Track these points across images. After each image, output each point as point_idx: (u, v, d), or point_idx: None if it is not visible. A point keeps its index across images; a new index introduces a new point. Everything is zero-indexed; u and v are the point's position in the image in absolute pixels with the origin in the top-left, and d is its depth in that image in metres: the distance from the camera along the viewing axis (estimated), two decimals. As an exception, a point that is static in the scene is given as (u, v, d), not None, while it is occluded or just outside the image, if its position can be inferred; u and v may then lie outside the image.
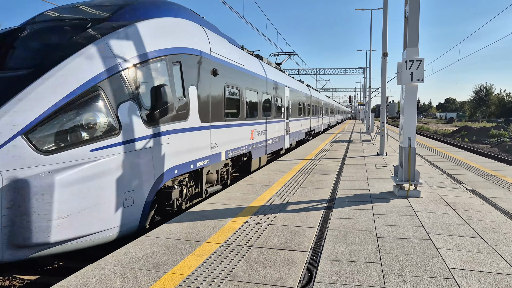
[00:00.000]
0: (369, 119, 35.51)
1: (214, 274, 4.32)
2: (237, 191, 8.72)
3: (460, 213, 6.96)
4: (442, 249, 5.14)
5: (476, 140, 42.37)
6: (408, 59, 8.28)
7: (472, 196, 8.38)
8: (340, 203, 7.66)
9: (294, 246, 5.19)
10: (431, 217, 6.72)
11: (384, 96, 17.55)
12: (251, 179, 10.23)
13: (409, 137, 8.44)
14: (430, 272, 4.40)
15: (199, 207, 7.27)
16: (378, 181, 10.24)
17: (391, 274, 4.34)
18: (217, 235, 5.63)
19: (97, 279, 4.16)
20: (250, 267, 4.50)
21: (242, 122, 11.42)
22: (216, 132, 9.28)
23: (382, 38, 17.01)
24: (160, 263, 4.60)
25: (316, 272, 4.40)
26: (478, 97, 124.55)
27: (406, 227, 6.10)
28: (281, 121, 17.20)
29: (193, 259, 4.75)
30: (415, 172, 8.40)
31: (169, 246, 5.18)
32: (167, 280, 4.16)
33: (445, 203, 7.76)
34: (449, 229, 6.01)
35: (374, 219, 6.57)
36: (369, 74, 37.51)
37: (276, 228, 6.00)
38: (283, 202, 7.71)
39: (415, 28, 8.37)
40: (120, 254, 4.88)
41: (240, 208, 7.18)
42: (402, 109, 8.74)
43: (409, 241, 5.44)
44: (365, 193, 8.66)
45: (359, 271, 4.41)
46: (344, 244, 5.30)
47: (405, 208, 7.35)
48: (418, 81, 8.29)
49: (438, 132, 57.30)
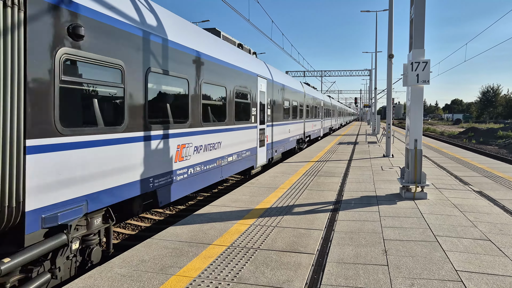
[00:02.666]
0: (375, 121, 35.39)
1: (220, 276, 4.33)
2: (243, 193, 8.73)
3: (467, 215, 6.92)
4: (449, 252, 5.11)
5: (483, 141, 42.07)
6: (414, 60, 8.26)
7: (480, 198, 8.32)
8: (346, 205, 7.64)
9: (300, 248, 5.19)
10: (438, 219, 6.69)
11: (390, 98, 17.50)
12: (257, 181, 10.24)
13: (415, 139, 8.41)
14: (438, 275, 4.38)
15: (205, 209, 7.29)
16: (384, 183, 10.20)
17: (398, 277, 4.33)
18: (223, 238, 5.65)
19: (104, 281, 4.19)
20: (256, 269, 4.50)
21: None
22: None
23: (388, 39, 16.98)
24: (166, 266, 4.62)
25: (323, 274, 4.39)
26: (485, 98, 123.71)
27: (413, 229, 6.07)
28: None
29: (200, 261, 4.76)
30: (421, 174, 8.36)
31: (175, 248, 5.20)
32: (174, 282, 4.18)
33: (452, 205, 7.72)
34: (456, 231, 5.98)
35: (381, 221, 6.55)
36: (375, 76, 37.42)
37: (282, 230, 6.00)
38: (289, 204, 7.71)
39: (420, 29, 8.35)
40: (127, 256, 4.91)
41: (246, 211, 7.19)
42: (408, 110, 8.71)
43: (416, 243, 5.42)
44: (371, 195, 8.63)
45: (365, 274, 4.40)
46: (351, 246, 5.29)
47: (412, 210, 7.32)
48: (424, 83, 8.26)
49: (444, 134, 56.96)
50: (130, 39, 6.11)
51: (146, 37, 6.53)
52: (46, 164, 4.53)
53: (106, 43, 5.53)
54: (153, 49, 6.74)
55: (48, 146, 4.58)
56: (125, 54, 5.96)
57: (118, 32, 5.80)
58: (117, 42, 5.78)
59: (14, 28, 4.13)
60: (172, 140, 7.42)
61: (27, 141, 4.28)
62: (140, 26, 6.42)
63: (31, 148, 4.34)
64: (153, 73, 6.73)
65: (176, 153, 7.55)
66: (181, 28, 8.16)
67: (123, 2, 6.16)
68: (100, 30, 5.40)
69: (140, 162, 6.36)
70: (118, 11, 5.90)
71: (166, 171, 7.18)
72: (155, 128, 6.78)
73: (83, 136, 5.08)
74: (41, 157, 4.47)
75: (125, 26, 6.00)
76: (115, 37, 5.73)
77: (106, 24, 5.55)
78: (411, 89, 8.54)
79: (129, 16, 6.17)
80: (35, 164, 4.38)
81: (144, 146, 6.47)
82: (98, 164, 5.36)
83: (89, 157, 5.21)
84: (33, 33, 4.36)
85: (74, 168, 4.94)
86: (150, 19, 6.85)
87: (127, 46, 6.02)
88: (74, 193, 4.93)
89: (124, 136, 5.96)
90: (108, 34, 5.58)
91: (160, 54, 6.96)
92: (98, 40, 5.35)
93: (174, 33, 7.60)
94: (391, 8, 17.08)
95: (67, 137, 4.82)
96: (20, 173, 4.19)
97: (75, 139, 4.96)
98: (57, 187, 4.67)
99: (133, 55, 6.16)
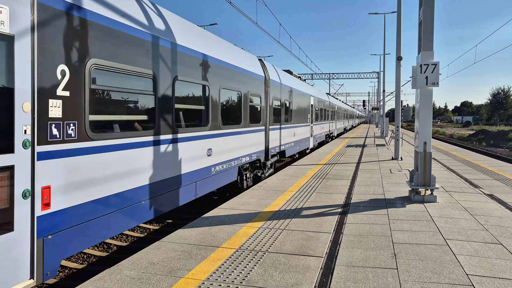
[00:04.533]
0: (384, 123, 35.18)
1: (229, 279, 4.33)
2: (251, 196, 8.74)
3: (478, 219, 6.84)
4: (460, 255, 5.06)
5: (494, 144, 41.58)
6: (423, 62, 8.22)
7: (491, 201, 8.23)
8: (355, 208, 7.60)
9: (309, 251, 5.17)
10: (448, 222, 6.62)
11: (398, 100, 17.41)
12: (265, 184, 10.24)
13: (424, 141, 8.35)
14: (448, 279, 4.33)
15: (213, 212, 7.31)
16: (393, 186, 10.13)
17: (407, 281, 4.29)
18: (232, 240, 5.65)
19: (114, 283, 4.21)
20: (265, 272, 4.50)
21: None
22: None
23: (396, 41, 16.90)
24: (175, 268, 4.63)
25: (331, 277, 4.38)
26: (495, 100, 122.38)
27: (423, 233, 6.02)
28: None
29: (208, 264, 4.77)
30: (431, 176, 8.29)
31: (184, 251, 5.22)
32: (182, 285, 4.19)
33: (462, 208, 7.64)
34: (467, 235, 5.92)
35: (390, 224, 6.51)
36: (383, 78, 37.23)
37: (291, 233, 5.99)
38: (297, 207, 7.70)
39: (429, 31, 8.31)
40: (136, 259, 4.94)
41: (255, 213, 7.19)
42: (417, 113, 8.66)
43: (426, 247, 5.37)
44: (380, 198, 8.58)
45: (375, 277, 4.37)
46: (360, 250, 5.26)
47: (421, 213, 7.26)
48: (433, 85, 8.21)
49: (454, 136, 56.42)
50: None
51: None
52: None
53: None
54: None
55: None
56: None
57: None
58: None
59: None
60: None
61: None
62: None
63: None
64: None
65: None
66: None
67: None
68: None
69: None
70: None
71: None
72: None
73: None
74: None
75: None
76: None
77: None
78: (420, 92, 8.49)
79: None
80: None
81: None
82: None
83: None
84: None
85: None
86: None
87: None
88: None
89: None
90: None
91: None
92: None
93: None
94: (399, 10, 17.01)
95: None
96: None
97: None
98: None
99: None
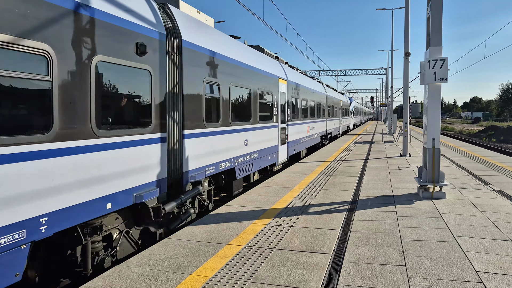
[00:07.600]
0: (392, 119, 34.98)
1: (237, 276, 4.34)
2: (259, 193, 8.74)
3: (487, 215, 6.78)
4: (469, 252, 5.01)
5: (504, 140, 41.08)
6: (431, 58, 8.14)
7: (500, 198, 8.14)
8: (363, 205, 7.57)
9: (316, 248, 5.17)
10: (457, 219, 6.57)
11: (406, 96, 17.28)
12: (273, 181, 10.24)
13: (433, 138, 8.28)
14: (457, 276, 4.30)
15: (221, 209, 7.32)
16: (401, 182, 10.07)
17: (416, 277, 4.27)
18: (239, 237, 5.66)
19: (122, 280, 4.25)
20: (272, 269, 4.50)
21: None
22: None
23: (404, 37, 16.76)
24: (183, 265, 4.66)
25: (339, 274, 4.37)
26: (505, 96, 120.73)
27: (431, 229, 5.98)
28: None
29: (216, 261, 4.79)
30: (439, 173, 8.23)
31: (192, 248, 5.24)
32: (190, 281, 4.21)
33: (471, 204, 7.57)
34: (476, 232, 5.86)
35: (398, 221, 6.47)
36: (391, 75, 37.00)
37: (298, 230, 5.99)
38: (305, 204, 7.69)
39: (438, 27, 8.22)
40: (145, 256, 4.97)
41: (262, 210, 7.19)
42: (426, 109, 8.59)
43: (434, 244, 5.34)
44: (388, 195, 8.53)
45: (383, 274, 4.36)
46: (367, 247, 5.24)
47: (430, 210, 7.21)
48: (441, 81, 8.13)
49: (463, 132, 55.87)
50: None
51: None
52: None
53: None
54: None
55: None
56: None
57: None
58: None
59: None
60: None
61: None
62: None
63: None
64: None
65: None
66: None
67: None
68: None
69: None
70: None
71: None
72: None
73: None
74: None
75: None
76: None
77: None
78: (428, 87, 8.42)
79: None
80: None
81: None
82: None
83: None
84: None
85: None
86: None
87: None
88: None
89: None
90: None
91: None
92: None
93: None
94: (407, 6, 16.86)
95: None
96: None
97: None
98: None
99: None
